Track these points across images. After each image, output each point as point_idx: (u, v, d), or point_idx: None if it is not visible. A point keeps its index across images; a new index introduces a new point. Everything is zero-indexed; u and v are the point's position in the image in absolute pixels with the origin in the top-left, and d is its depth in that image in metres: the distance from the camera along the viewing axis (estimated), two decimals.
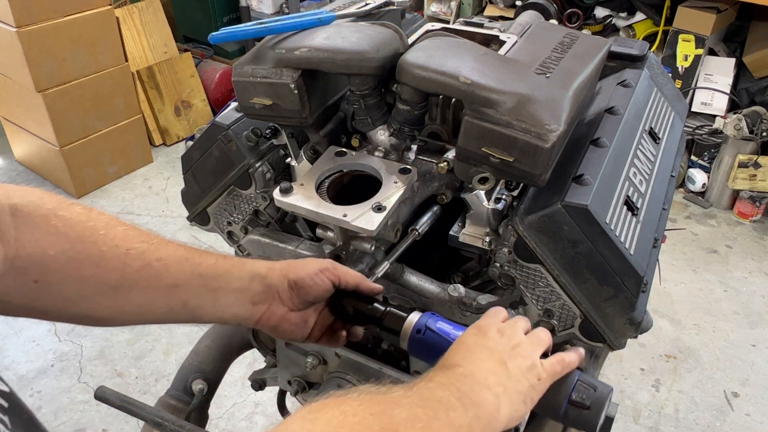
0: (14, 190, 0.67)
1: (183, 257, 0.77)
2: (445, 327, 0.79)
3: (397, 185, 0.94)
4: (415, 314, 0.82)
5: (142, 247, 0.74)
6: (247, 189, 1.13)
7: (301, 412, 0.55)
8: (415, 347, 0.80)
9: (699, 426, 2.24)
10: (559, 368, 0.73)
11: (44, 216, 0.67)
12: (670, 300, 2.75)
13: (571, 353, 0.75)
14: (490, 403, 0.64)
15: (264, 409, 2.29)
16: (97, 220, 0.72)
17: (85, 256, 0.69)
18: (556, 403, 0.72)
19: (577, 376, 0.74)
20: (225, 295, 0.80)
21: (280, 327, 0.85)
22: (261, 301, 0.83)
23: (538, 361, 0.72)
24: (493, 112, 0.85)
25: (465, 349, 0.71)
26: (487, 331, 0.73)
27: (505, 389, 0.67)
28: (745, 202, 3.19)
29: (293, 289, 0.83)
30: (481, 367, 0.68)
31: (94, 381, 2.39)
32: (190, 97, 3.93)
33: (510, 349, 0.71)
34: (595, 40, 1.10)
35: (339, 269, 0.85)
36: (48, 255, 0.66)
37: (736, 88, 3.21)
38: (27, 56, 2.98)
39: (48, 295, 0.68)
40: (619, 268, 0.89)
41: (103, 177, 3.52)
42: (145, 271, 0.74)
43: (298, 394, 1.19)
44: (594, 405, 0.71)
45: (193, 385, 1.20)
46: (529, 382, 0.70)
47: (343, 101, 1.09)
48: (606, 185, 0.92)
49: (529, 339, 0.74)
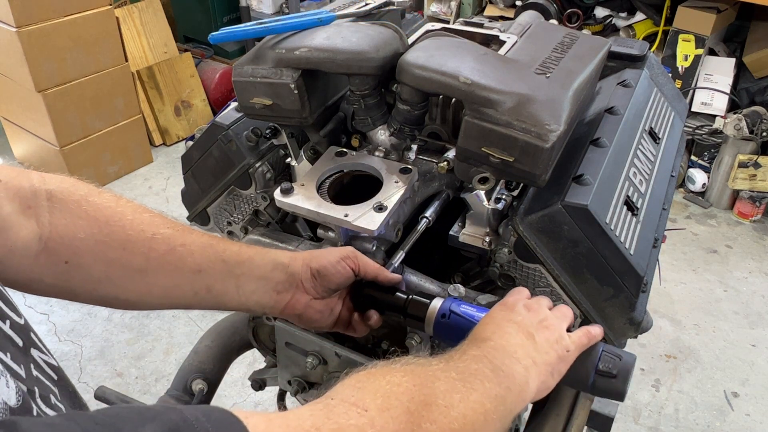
0: (50, 177, 0.72)
1: (207, 244, 0.80)
2: (469, 310, 0.82)
3: (398, 185, 0.94)
4: (437, 300, 0.85)
5: (167, 232, 0.77)
6: (247, 189, 1.13)
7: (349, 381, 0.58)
8: (441, 331, 0.83)
9: (699, 426, 2.24)
10: (586, 340, 0.76)
11: (76, 201, 0.71)
12: (670, 300, 2.75)
13: (595, 326, 0.79)
14: (520, 375, 0.67)
15: (264, 409, 2.29)
16: (125, 206, 0.76)
17: (112, 239, 0.72)
18: (584, 374, 0.75)
19: (602, 347, 0.76)
20: (248, 282, 0.81)
21: (305, 315, 0.87)
22: (285, 289, 0.84)
23: (565, 333, 0.75)
24: (493, 112, 0.85)
25: (494, 324, 0.74)
26: (513, 307, 0.77)
27: (534, 362, 0.69)
28: (745, 202, 3.19)
29: (316, 277, 0.85)
30: (510, 340, 0.70)
31: (94, 381, 2.39)
32: (190, 97, 3.93)
33: (537, 322, 0.74)
34: (595, 40, 1.10)
35: (360, 258, 0.87)
36: (78, 238, 0.70)
37: (736, 88, 3.21)
38: (27, 56, 2.98)
39: (78, 276, 0.72)
40: (619, 268, 0.89)
41: (103, 177, 3.52)
42: (170, 255, 0.76)
43: (298, 394, 1.19)
44: (621, 373, 0.73)
45: (193, 385, 1.20)
46: (557, 354, 0.72)
47: (343, 101, 1.09)
48: (606, 185, 0.92)
49: (554, 313, 0.78)
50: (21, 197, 0.67)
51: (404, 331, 0.98)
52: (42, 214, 0.68)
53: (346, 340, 1.13)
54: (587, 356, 0.75)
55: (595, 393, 0.76)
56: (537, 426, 1.02)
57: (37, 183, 0.69)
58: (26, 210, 0.67)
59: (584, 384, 0.75)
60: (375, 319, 0.89)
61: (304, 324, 0.90)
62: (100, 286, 0.74)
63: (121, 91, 3.43)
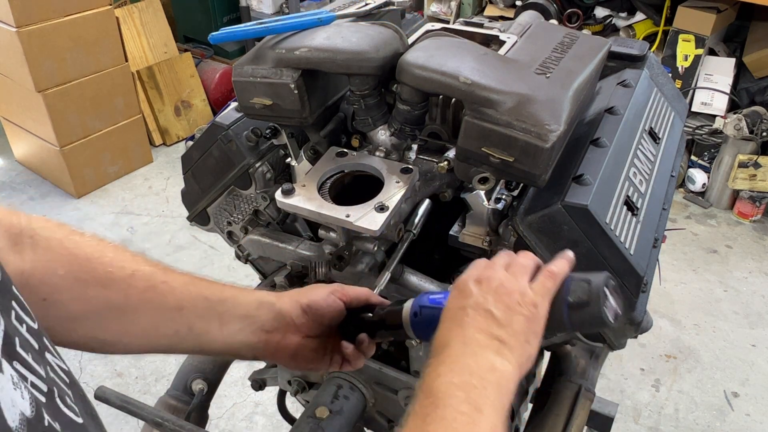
0: (35, 217, 0.72)
1: (189, 281, 0.78)
2: (436, 297, 0.78)
3: (399, 185, 0.94)
4: (408, 302, 0.81)
5: (148, 270, 0.75)
6: (247, 189, 1.13)
7: None
8: (420, 330, 0.80)
9: (699, 426, 2.24)
10: (551, 284, 0.69)
11: (58, 239, 0.71)
12: (670, 300, 2.75)
13: (557, 261, 0.71)
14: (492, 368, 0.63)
15: (264, 409, 2.29)
16: (106, 245, 0.75)
17: (91, 276, 0.71)
18: (558, 314, 0.69)
19: (569, 279, 0.70)
20: (231, 320, 0.79)
21: (299, 355, 0.83)
22: (274, 329, 0.81)
23: (526, 288, 0.69)
24: (493, 112, 0.85)
25: (450, 319, 0.69)
26: (464, 288, 0.70)
27: (501, 340, 0.65)
28: (745, 202, 3.19)
29: (307, 313, 0.82)
30: (468, 331, 0.66)
31: (94, 381, 2.38)
32: (190, 97, 3.93)
33: (492, 293, 0.68)
34: (595, 40, 1.10)
35: (346, 289, 0.85)
36: (57, 275, 0.69)
37: (736, 88, 3.21)
38: (27, 56, 2.98)
39: (55, 314, 0.70)
40: (619, 268, 0.89)
41: (103, 177, 3.52)
42: (150, 292, 0.74)
43: (298, 394, 1.19)
44: (592, 297, 0.67)
45: (193, 385, 1.20)
46: (524, 316, 0.67)
47: (343, 101, 1.09)
48: (606, 185, 0.92)
49: (510, 272, 0.71)
50: (10, 234, 0.67)
51: None
52: (25, 251, 0.68)
53: None
54: (556, 295, 0.69)
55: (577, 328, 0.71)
56: (537, 426, 1.02)
57: (24, 222, 0.70)
58: (13, 246, 0.67)
59: (561, 324, 0.69)
60: (366, 344, 0.85)
61: (300, 367, 0.86)
62: (77, 324, 0.72)
63: (121, 91, 3.43)
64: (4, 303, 0.47)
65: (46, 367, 0.49)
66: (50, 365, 0.50)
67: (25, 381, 0.44)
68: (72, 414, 0.49)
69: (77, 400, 0.52)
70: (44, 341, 0.51)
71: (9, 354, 0.43)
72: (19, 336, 0.46)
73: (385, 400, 1.09)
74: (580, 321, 0.68)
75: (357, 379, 1.08)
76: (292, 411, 1.34)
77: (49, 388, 0.47)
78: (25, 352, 0.46)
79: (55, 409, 0.47)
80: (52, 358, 0.51)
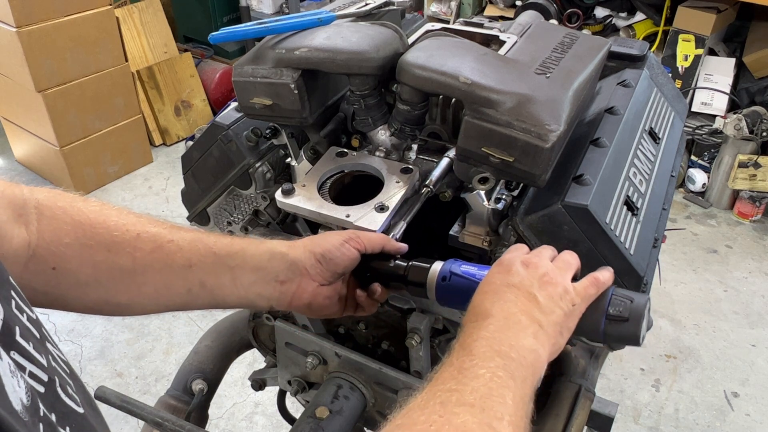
0: (38, 188, 0.73)
1: (196, 238, 0.78)
2: (470, 269, 0.78)
3: (399, 185, 0.94)
4: (437, 263, 0.81)
5: (153, 230, 0.76)
6: (247, 189, 1.13)
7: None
8: (444, 295, 0.79)
9: (699, 426, 2.24)
10: (593, 290, 0.71)
11: (62, 207, 0.72)
12: (670, 300, 2.75)
13: (603, 271, 0.73)
14: (530, 349, 0.64)
15: (264, 409, 2.29)
16: (110, 210, 0.75)
17: (96, 242, 0.72)
18: (594, 322, 0.70)
19: (611, 291, 0.71)
20: (243, 274, 0.79)
21: (314, 304, 0.83)
22: (288, 279, 0.81)
23: (570, 285, 0.70)
24: (493, 112, 0.85)
25: (492, 292, 0.70)
26: (510, 267, 0.71)
27: (540, 325, 0.66)
28: (745, 202, 3.19)
29: (321, 262, 0.81)
30: (512, 309, 0.67)
31: (94, 381, 2.39)
32: (190, 97, 3.93)
33: (537, 279, 0.70)
34: (595, 40, 1.10)
35: (362, 236, 0.84)
36: (64, 243, 0.70)
37: (736, 88, 3.21)
38: (27, 56, 2.98)
39: (66, 282, 0.71)
40: (619, 268, 0.89)
41: (103, 177, 3.52)
42: (157, 252, 0.75)
43: (298, 394, 1.19)
44: (633, 316, 0.68)
45: (193, 385, 1.20)
46: (563, 310, 0.68)
47: (343, 101, 1.09)
48: (606, 185, 0.93)
49: (555, 265, 0.73)
50: (14, 206, 0.68)
51: (404, 332, 0.98)
52: (31, 222, 0.69)
53: (346, 340, 1.13)
54: (596, 303, 0.70)
55: (609, 341, 0.71)
56: (537, 426, 1.02)
57: (26, 193, 0.70)
58: (18, 218, 0.68)
59: (595, 332, 0.70)
60: (380, 292, 0.86)
61: (315, 314, 0.86)
62: (89, 290, 0.73)
63: (121, 91, 3.43)
64: (2, 292, 0.47)
65: (48, 356, 0.49)
66: (51, 354, 0.50)
67: (22, 371, 0.44)
68: (73, 404, 0.49)
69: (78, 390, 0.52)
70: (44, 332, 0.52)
71: (7, 344, 0.44)
72: (20, 325, 0.47)
73: (385, 400, 1.09)
74: (614, 334, 0.70)
75: (357, 379, 1.08)
76: (292, 411, 1.34)
77: (50, 377, 0.47)
78: (25, 341, 0.46)
79: (55, 398, 0.47)
80: (52, 348, 0.52)
